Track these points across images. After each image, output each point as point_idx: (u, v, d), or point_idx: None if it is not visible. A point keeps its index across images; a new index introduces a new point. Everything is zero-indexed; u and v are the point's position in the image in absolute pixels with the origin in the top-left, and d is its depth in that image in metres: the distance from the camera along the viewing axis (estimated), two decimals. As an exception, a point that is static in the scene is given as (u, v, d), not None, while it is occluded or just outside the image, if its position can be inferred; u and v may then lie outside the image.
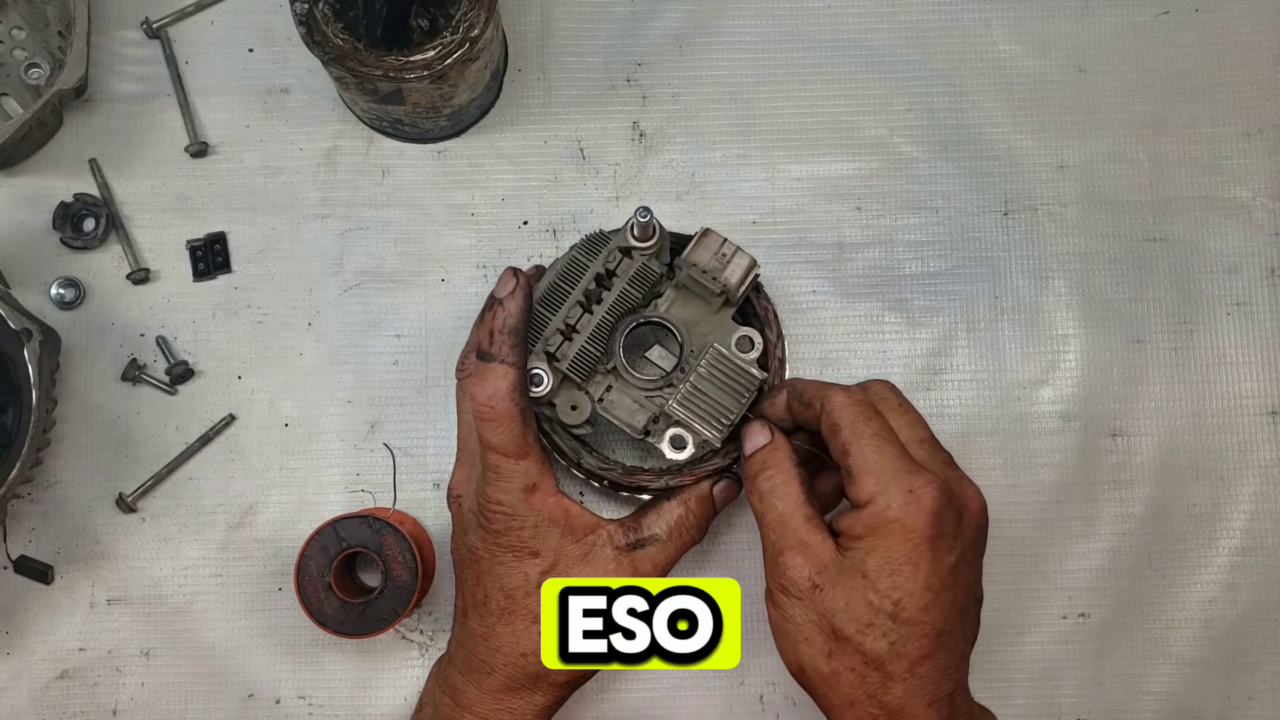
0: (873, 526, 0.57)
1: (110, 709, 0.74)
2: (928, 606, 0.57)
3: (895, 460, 0.58)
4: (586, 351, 0.67)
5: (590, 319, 0.67)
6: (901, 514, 0.57)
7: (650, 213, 0.66)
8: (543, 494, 0.65)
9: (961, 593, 0.59)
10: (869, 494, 0.58)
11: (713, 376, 0.67)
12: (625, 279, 0.67)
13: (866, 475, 0.58)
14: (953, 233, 0.78)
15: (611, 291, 0.67)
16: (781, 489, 0.61)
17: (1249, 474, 0.77)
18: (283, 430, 0.76)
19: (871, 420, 0.60)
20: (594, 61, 0.79)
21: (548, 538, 0.65)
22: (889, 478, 0.58)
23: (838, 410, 0.60)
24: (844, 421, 0.60)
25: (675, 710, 0.75)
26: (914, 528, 0.57)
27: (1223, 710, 0.75)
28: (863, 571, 0.57)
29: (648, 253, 0.67)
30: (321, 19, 0.68)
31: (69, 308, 0.76)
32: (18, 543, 0.75)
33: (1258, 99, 0.79)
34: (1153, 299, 0.78)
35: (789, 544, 0.59)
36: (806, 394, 0.63)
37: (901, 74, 0.79)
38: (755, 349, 0.68)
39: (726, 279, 0.67)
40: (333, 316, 0.77)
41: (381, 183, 0.78)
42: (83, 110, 0.78)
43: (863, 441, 0.59)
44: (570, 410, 0.68)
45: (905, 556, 0.57)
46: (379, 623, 0.69)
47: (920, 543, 0.57)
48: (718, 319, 0.70)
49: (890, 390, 0.64)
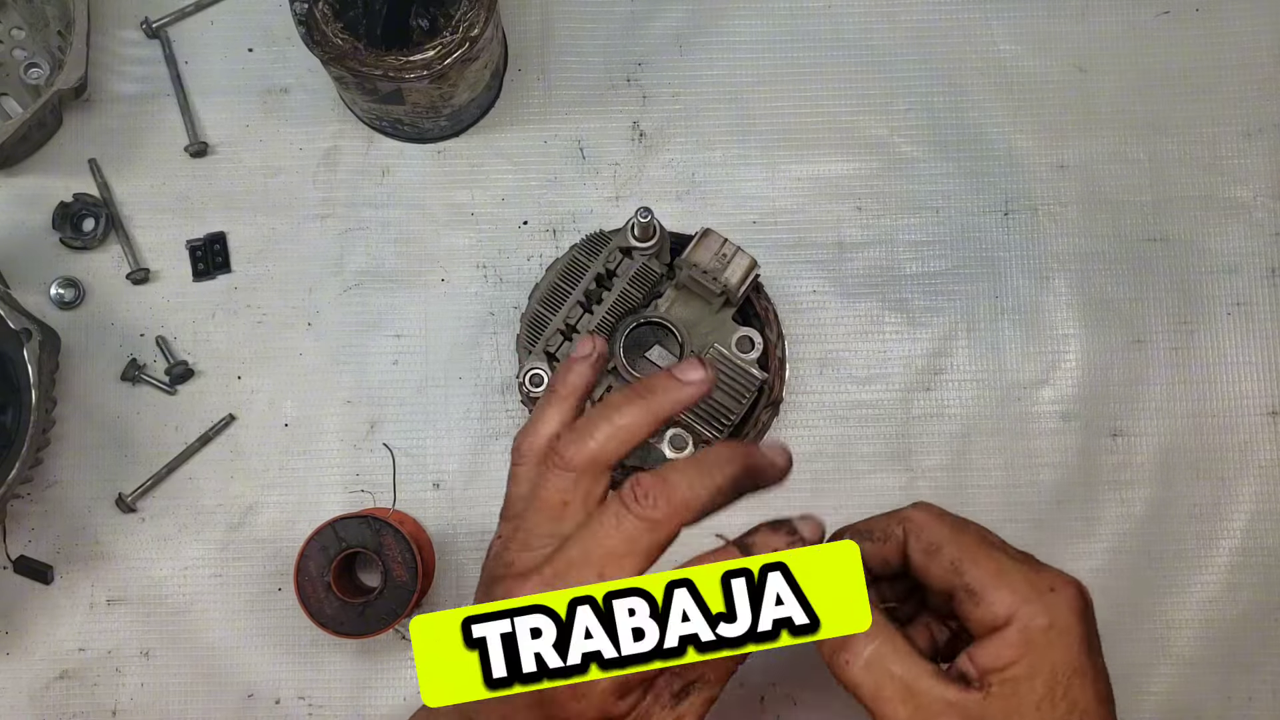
0: (1026, 645, 0.48)
1: (110, 709, 0.74)
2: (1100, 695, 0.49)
3: (1018, 565, 0.50)
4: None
5: (590, 319, 0.67)
6: (1053, 618, 0.48)
7: (651, 213, 0.66)
8: None
9: (1105, 687, 0.51)
10: (1008, 608, 0.48)
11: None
12: (625, 279, 0.67)
13: (997, 588, 0.49)
14: (953, 233, 0.78)
15: (611, 292, 0.67)
16: (888, 653, 0.49)
17: (1249, 474, 0.77)
18: (283, 430, 0.76)
19: (967, 527, 0.51)
20: (594, 61, 0.79)
21: None
22: (1022, 583, 0.49)
23: (929, 527, 0.51)
24: (942, 536, 0.51)
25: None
26: (1071, 631, 0.48)
27: (1223, 710, 0.75)
28: (1035, 701, 0.48)
29: (648, 253, 0.67)
30: (321, 19, 0.68)
31: (69, 308, 0.76)
32: (18, 543, 0.75)
33: (1258, 99, 0.79)
34: (1153, 299, 0.78)
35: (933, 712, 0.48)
36: (877, 529, 0.53)
37: (901, 74, 0.79)
38: (755, 349, 0.68)
39: (727, 279, 0.67)
40: (333, 316, 0.77)
41: (381, 183, 0.78)
42: (83, 110, 0.78)
43: (974, 552, 0.50)
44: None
45: (1072, 668, 0.48)
46: (379, 623, 0.69)
47: (1081, 648, 0.49)
48: (718, 319, 0.70)
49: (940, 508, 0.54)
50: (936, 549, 0.51)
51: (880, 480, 0.76)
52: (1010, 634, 0.48)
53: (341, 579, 0.71)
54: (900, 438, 0.77)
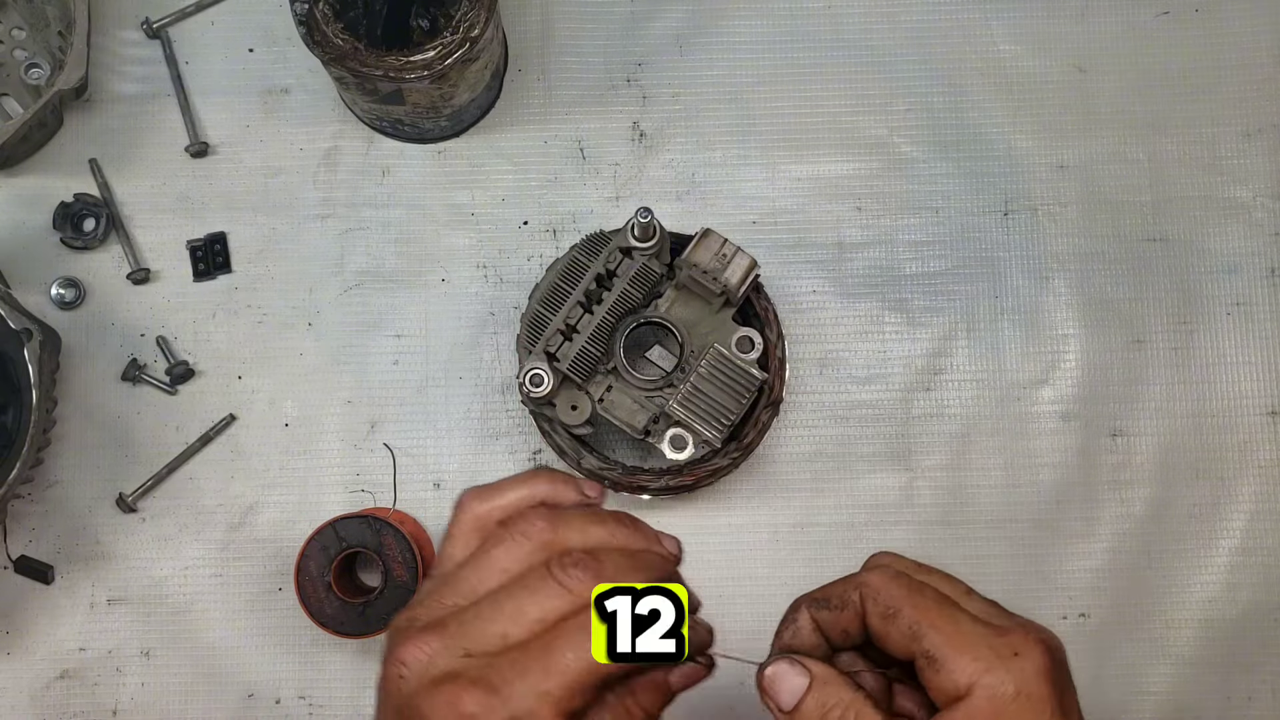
0: (993, 712, 0.46)
1: (110, 709, 0.74)
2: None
3: (979, 628, 0.47)
4: (587, 352, 0.67)
5: (590, 319, 0.67)
6: (1020, 685, 0.46)
7: (651, 213, 0.66)
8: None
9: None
10: (970, 677, 0.46)
11: (713, 377, 0.67)
12: (625, 279, 0.67)
13: (958, 655, 0.46)
14: (953, 233, 0.78)
15: (612, 292, 0.67)
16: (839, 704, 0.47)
17: (1249, 474, 0.77)
18: (283, 430, 0.76)
19: (925, 589, 0.48)
20: (594, 61, 0.79)
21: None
22: (985, 648, 0.46)
23: (884, 590, 0.48)
24: (899, 599, 0.48)
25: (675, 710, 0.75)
26: (1039, 696, 0.46)
27: (1223, 710, 0.75)
28: None
29: (648, 253, 0.67)
30: (321, 19, 0.68)
31: (69, 308, 0.76)
32: (18, 543, 0.75)
33: (1258, 99, 0.79)
34: (1153, 299, 0.78)
35: None
36: (833, 597, 0.51)
37: (901, 74, 0.79)
38: (755, 349, 0.68)
39: (727, 279, 0.67)
40: (333, 316, 0.77)
41: (381, 183, 0.78)
42: (83, 110, 0.78)
43: (932, 615, 0.47)
44: (570, 410, 0.68)
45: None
46: (379, 623, 0.69)
47: (1052, 712, 0.46)
48: (718, 319, 0.70)
49: (900, 558, 0.52)
50: (894, 614, 0.48)
51: (880, 480, 0.76)
52: (975, 703, 0.46)
53: (342, 579, 0.71)
54: (900, 438, 0.77)
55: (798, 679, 0.49)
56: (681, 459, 0.67)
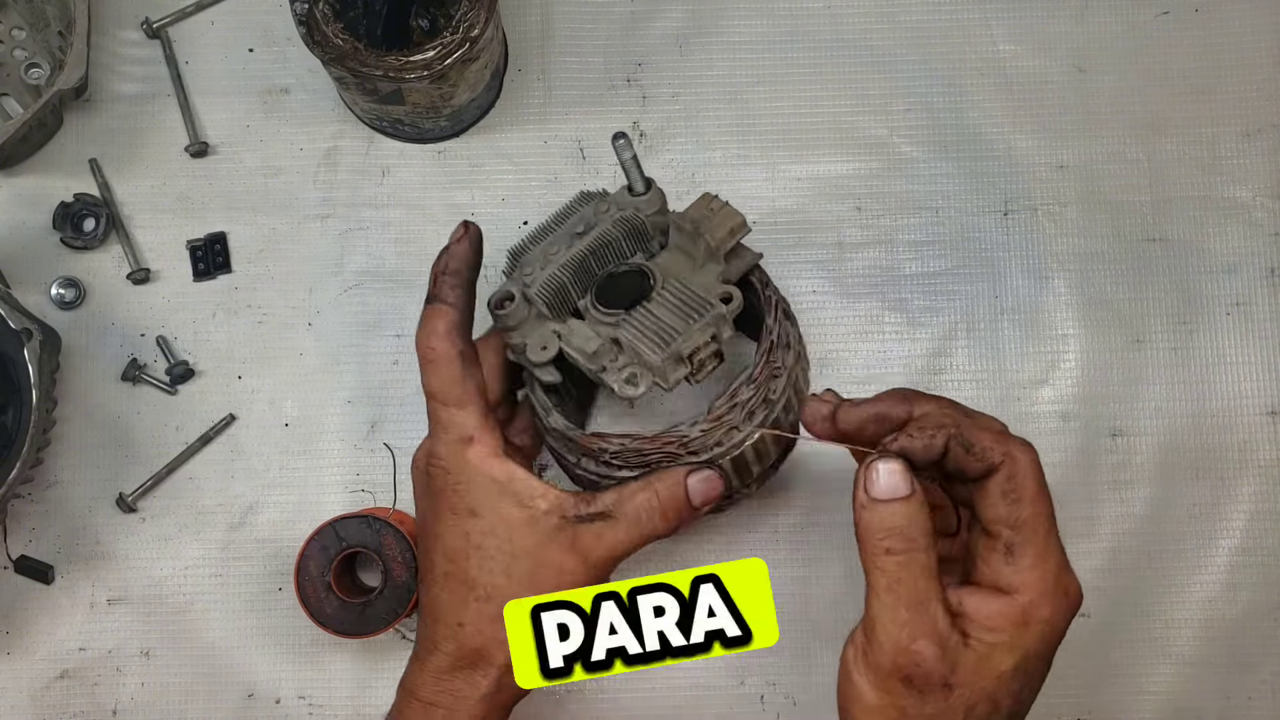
0: (1023, 622, 0.51)
1: (110, 709, 0.74)
2: (1038, 689, 0.54)
3: (1060, 553, 0.53)
4: (556, 278, 0.64)
5: (566, 251, 0.65)
6: (1053, 615, 0.52)
7: (626, 138, 0.63)
8: (481, 448, 0.60)
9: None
10: (1027, 586, 0.51)
11: (668, 302, 0.63)
12: (609, 221, 0.65)
13: (1037, 566, 0.51)
14: (953, 233, 0.78)
15: (595, 228, 0.65)
16: (922, 567, 0.51)
17: (1249, 474, 0.77)
18: (283, 430, 0.76)
19: (1048, 494, 0.53)
20: (594, 61, 0.79)
21: (487, 496, 0.59)
22: (1052, 576, 0.52)
23: (1027, 476, 0.52)
24: (1028, 494, 0.52)
25: (676, 710, 0.75)
26: (1057, 629, 0.52)
27: (1223, 710, 0.75)
28: (998, 672, 0.51)
29: (644, 210, 0.65)
30: (321, 19, 0.68)
31: (69, 308, 0.76)
32: (18, 543, 0.75)
33: (1258, 99, 0.79)
34: (1153, 299, 0.78)
35: (924, 631, 0.51)
36: (980, 446, 0.53)
37: (901, 74, 0.79)
38: (734, 303, 0.63)
39: (711, 230, 0.64)
40: (333, 316, 0.77)
41: (381, 183, 0.78)
42: (83, 110, 0.78)
43: (1043, 525, 0.52)
44: (540, 350, 0.64)
45: (1040, 654, 0.52)
46: (379, 623, 0.70)
47: (1055, 641, 0.53)
48: (704, 273, 0.66)
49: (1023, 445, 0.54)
50: (1017, 499, 0.52)
51: (880, 480, 0.76)
52: (1013, 607, 0.51)
53: (341, 579, 0.71)
54: (900, 438, 0.76)
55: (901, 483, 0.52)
56: (635, 394, 0.62)
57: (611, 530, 0.59)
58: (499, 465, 0.60)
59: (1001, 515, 0.52)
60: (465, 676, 0.60)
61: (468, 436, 0.60)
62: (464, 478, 0.60)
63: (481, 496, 0.60)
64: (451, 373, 0.60)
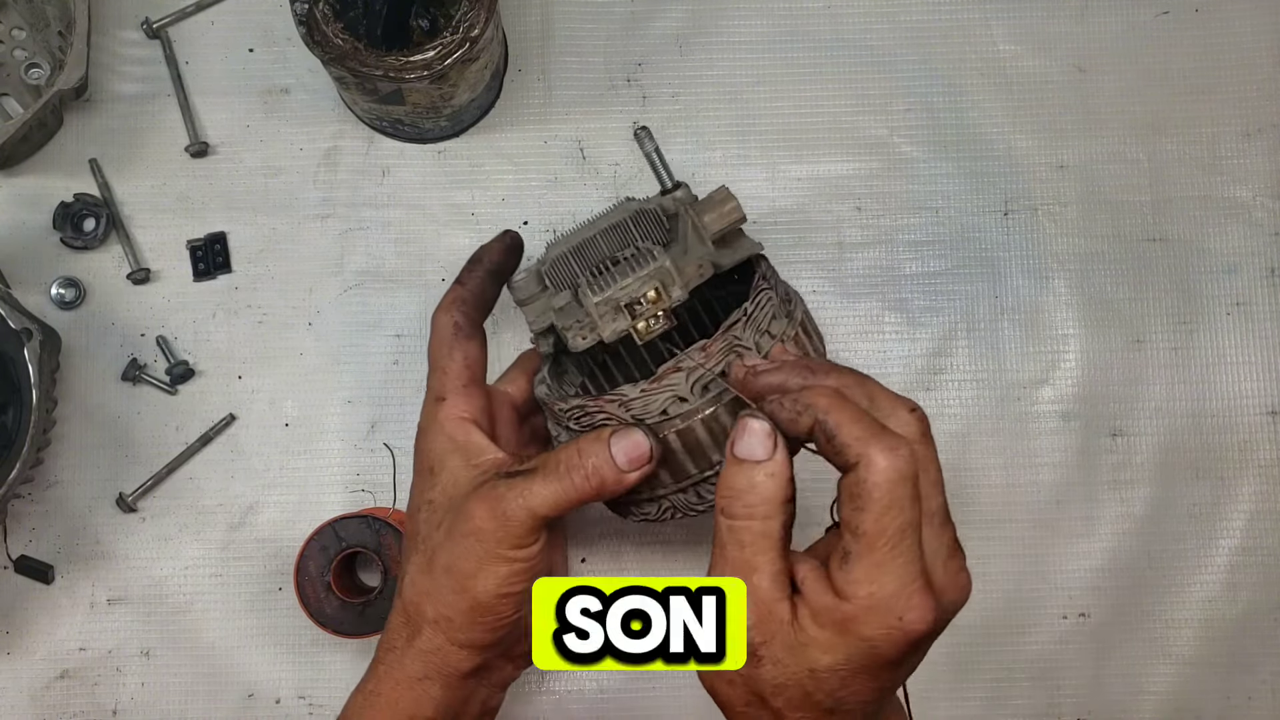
0: (843, 630, 0.47)
1: (110, 709, 0.74)
2: (873, 700, 0.49)
3: (903, 570, 0.47)
4: (565, 257, 0.64)
5: (580, 234, 0.65)
6: (878, 636, 0.47)
7: (648, 130, 0.62)
8: (450, 410, 0.61)
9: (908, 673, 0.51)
10: (858, 601, 0.47)
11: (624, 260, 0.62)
12: (626, 213, 0.65)
13: (866, 583, 0.47)
14: (953, 233, 0.78)
15: (608, 218, 0.65)
16: (759, 530, 0.49)
17: (1249, 474, 0.77)
18: (283, 430, 0.76)
19: (904, 510, 0.47)
20: (594, 61, 0.79)
21: (444, 454, 0.61)
22: (888, 595, 0.47)
23: (876, 486, 0.47)
24: (873, 505, 0.47)
25: (676, 711, 0.75)
26: (884, 655, 0.48)
27: (1223, 710, 0.75)
28: (813, 665, 0.48)
29: (669, 206, 0.64)
30: (321, 19, 0.68)
31: (69, 308, 0.76)
32: (18, 543, 0.75)
33: (1258, 99, 0.79)
34: (1153, 299, 0.78)
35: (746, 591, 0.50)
36: (840, 439, 0.49)
37: (901, 74, 0.79)
38: (701, 269, 0.61)
39: (701, 214, 0.63)
40: (333, 316, 0.77)
41: (381, 183, 0.78)
42: (83, 110, 0.78)
43: (885, 542, 0.47)
44: (538, 320, 0.65)
45: (864, 670, 0.48)
46: (379, 623, 0.69)
47: (885, 665, 0.48)
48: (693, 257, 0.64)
49: (919, 432, 0.51)
50: (860, 508, 0.48)
51: (880, 480, 0.76)
52: (837, 613, 0.48)
53: (341, 579, 0.71)
54: (900, 438, 0.76)
55: (760, 446, 0.50)
56: (582, 346, 0.61)
57: (530, 484, 0.56)
58: (460, 426, 0.61)
59: (846, 518, 0.48)
60: (405, 633, 0.59)
61: (440, 397, 0.62)
62: (430, 436, 0.62)
63: (440, 454, 0.61)
64: (441, 338, 0.64)
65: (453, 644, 0.58)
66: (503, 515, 0.56)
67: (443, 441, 0.61)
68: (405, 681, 0.59)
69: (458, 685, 0.59)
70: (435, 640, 0.58)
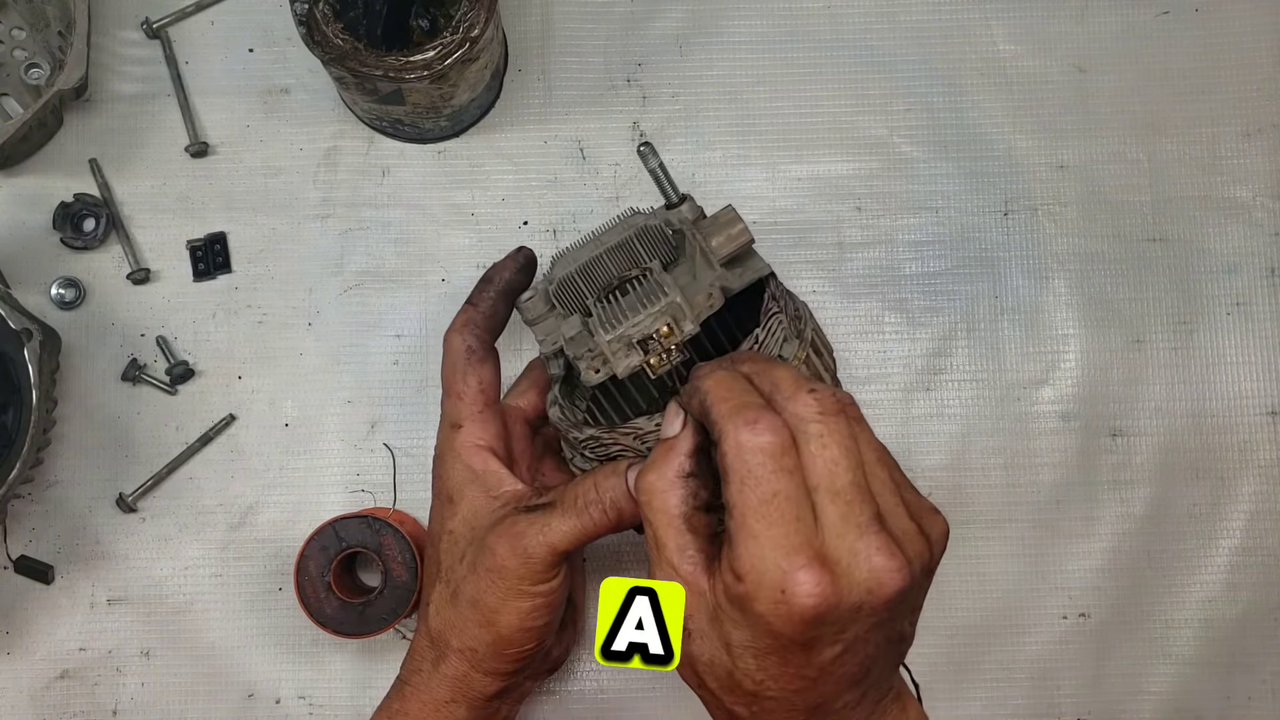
0: (742, 606, 0.47)
1: (110, 709, 0.74)
2: (799, 690, 0.48)
3: (781, 543, 0.46)
4: (571, 278, 0.63)
5: (587, 251, 0.64)
6: (768, 612, 0.46)
7: (651, 146, 0.62)
8: (466, 437, 0.62)
9: (854, 667, 0.49)
10: (746, 577, 0.47)
11: (634, 291, 0.61)
12: (632, 230, 0.64)
13: (744, 558, 0.46)
14: (953, 233, 0.78)
15: (614, 233, 0.64)
16: (658, 506, 0.50)
17: (1249, 474, 0.77)
18: (283, 430, 0.76)
19: (769, 478, 0.46)
20: (594, 61, 0.79)
21: (463, 483, 0.61)
22: (765, 566, 0.46)
23: (733, 455, 0.47)
24: (733, 477, 0.47)
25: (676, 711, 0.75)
26: (780, 632, 0.46)
27: (1223, 710, 0.75)
28: (726, 642, 0.48)
29: (674, 222, 0.63)
30: (321, 19, 0.68)
31: (69, 308, 0.76)
32: (18, 543, 0.75)
33: (1258, 99, 0.79)
34: (1153, 299, 0.78)
35: (664, 565, 0.50)
36: (710, 417, 0.49)
37: (901, 74, 0.79)
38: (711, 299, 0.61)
39: (708, 236, 0.61)
40: (333, 316, 0.77)
41: (381, 183, 0.78)
42: (83, 110, 0.78)
43: (749, 518, 0.46)
44: (547, 343, 0.64)
45: (771, 650, 0.47)
46: (379, 623, 0.70)
47: (788, 645, 0.47)
48: (702, 280, 0.63)
49: (816, 411, 0.48)
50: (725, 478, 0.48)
51: (880, 480, 0.76)
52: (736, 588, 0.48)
53: (341, 579, 0.71)
54: (900, 438, 0.77)
55: (670, 425, 0.52)
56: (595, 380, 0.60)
57: (549, 519, 0.57)
58: (478, 455, 0.62)
59: (724, 495, 0.48)
60: (430, 656, 0.62)
61: (457, 424, 0.63)
62: (447, 464, 0.63)
63: (459, 484, 0.62)
64: (453, 362, 0.64)
65: (478, 671, 0.61)
66: (524, 552, 0.57)
67: (460, 470, 0.62)
68: (432, 704, 0.61)
69: (482, 706, 0.62)
70: (461, 668, 0.61)
